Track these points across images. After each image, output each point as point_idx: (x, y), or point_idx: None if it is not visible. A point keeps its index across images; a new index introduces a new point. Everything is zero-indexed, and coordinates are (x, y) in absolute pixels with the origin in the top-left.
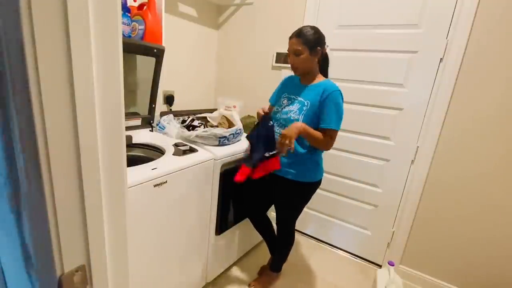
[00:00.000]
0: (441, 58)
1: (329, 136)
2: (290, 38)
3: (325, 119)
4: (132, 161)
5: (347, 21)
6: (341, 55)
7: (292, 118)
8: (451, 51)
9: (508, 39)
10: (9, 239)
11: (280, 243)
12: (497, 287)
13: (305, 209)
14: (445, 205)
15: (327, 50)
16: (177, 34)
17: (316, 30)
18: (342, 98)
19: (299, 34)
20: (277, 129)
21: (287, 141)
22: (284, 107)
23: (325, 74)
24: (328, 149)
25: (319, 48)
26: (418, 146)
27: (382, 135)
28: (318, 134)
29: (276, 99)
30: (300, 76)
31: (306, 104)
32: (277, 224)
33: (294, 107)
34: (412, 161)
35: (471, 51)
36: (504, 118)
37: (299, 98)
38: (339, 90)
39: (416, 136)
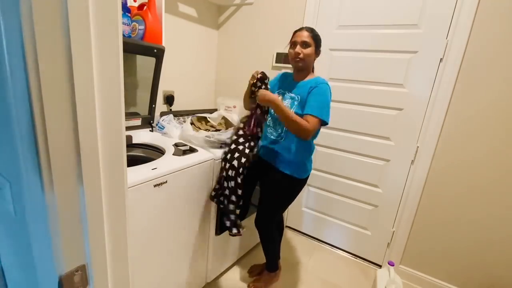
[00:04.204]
0: (441, 58)
1: (308, 122)
2: (299, 30)
3: (307, 106)
4: (132, 161)
5: (347, 21)
6: (341, 55)
7: None
8: (451, 51)
9: (508, 39)
10: (10, 239)
11: (264, 239)
12: (497, 287)
13: (305, 208)
14: (445, 205)
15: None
16: (177, 34)
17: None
18: (330, 92)
19: (311, 30)
20: (271, 122)
21: (259, 95)
22: None
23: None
24: (304, 135)
25: (320, 49)
26: (418, 146)
27: (382, 135)
28: (291, 112)
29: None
30: (297, 70)
31: (297, 98)
32: (257, 218)
33: (286, 102)
34: (412, 161)
35: (471, 51)
36: (504, 117)
37: (291, 94)
38: (327, 83)
39: (416, 136)
